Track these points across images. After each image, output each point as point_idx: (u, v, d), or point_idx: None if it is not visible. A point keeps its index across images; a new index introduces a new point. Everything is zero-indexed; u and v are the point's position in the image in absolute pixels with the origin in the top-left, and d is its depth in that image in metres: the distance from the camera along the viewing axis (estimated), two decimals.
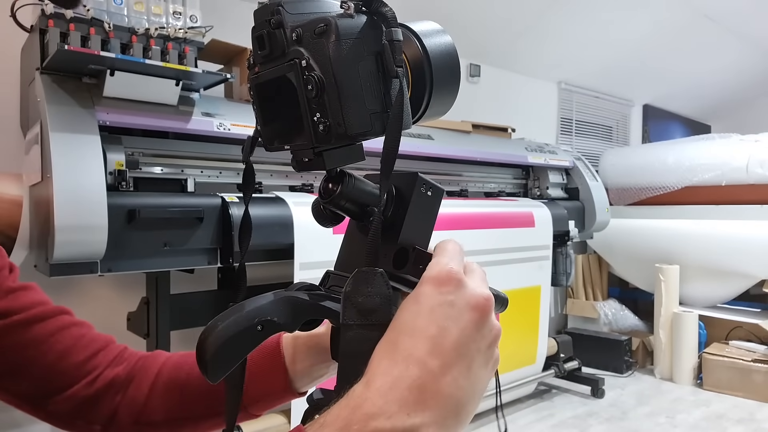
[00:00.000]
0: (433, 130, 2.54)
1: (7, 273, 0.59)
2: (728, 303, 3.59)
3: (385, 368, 0.36)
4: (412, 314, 0.38)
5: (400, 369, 0.36)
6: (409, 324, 0.37)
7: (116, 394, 0.59)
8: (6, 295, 0.57)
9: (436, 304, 0.37)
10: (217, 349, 0.40)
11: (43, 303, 0.60)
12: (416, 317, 0.37)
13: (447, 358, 0.36)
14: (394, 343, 0.37)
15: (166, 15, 1.61)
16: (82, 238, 1.41)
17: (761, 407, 2.95)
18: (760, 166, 3.35)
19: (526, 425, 2.69)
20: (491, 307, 0.39)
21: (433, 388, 0.35)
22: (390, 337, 0.38)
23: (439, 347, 0.36)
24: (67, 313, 0.61)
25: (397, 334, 0.37)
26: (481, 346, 0.38)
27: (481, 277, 0.41)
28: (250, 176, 0.47)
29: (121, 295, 2.14)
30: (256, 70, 0.44)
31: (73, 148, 1.44)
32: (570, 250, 3.03)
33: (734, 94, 5.29)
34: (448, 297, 0.38)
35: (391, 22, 0.40)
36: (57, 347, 0.58)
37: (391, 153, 0.39)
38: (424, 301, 0.38)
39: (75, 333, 0.60)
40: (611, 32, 3.76)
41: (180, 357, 0.61)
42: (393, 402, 0.34)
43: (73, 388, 0.58)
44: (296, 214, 1.77)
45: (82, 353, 0.59)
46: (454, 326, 0.37)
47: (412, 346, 0.36)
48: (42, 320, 0.58)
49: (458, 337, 0.37)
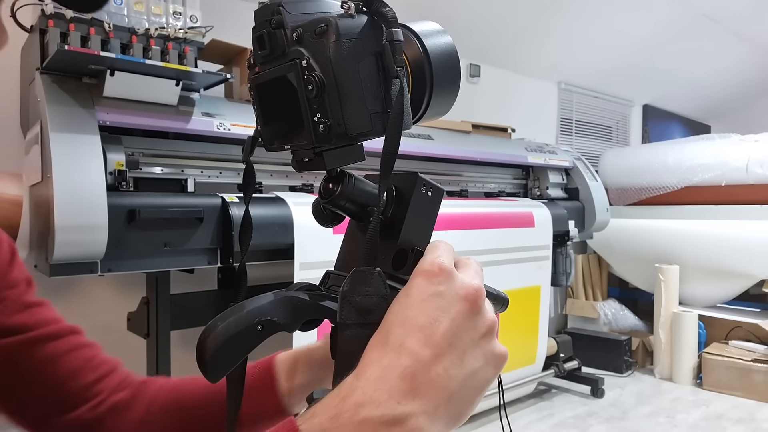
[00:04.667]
0: (433, 130, 2.54)
1: (24, 287, 0.57)
2: (728, 303, 3.59)
3: (375, 358, 0.36)
4: (402, 306, 0.38)
5: (391, 358, 0.36)
6: (399, 315, 0.37)
7: (117, 419, 0.58)
8: (23, 310, 0.56)
9: (426, 295, 0.37)
10: (217, 349, 0.40)
11: (57, 321, 0.58)
12: (407, 308, 0.37)
13: (438, 348, 0.36)
14: (385, 335, 0.37)
15: (166, 15, 1.61)
16: (82, 238, 1.41)
17: (761, 407, 2.94)
18: (759, 166, 3.34)
19: (526, 425, 2.69)
20: (482, 297, 0.39)
21: (423, 378, 0.35)
22: (381, 329, 0.38)
23: (430, 337, 0.36)
24: (78, 332, 0.60)
25: (389, 326, 0.38)
26: (474, 336, 0.38)
27: (474, 270, 0.41)
28: (251, 176, 0.47)
29: (121, 295, 2.14)
30: (256, 70, 0.44)
31: (73, 148, 1.44)
32: (570, 250, 3.03)
33: (734, 94, 5.28)
34: (439, 288, 0.38)
35: (392, 23, 0.40)
36: (66, 367, 0.57)
37: (391, 153, 0.39)
38: (414, 293, 0.38)
39: (86, 354, 0.59)
40: (611, 32, 3.76)
41: (177, 381, 0.61)
42: (383, 391, 0.34)
43: (77, 411, 0.56)
44: (296, 214, 1.77)
45: (90, 375, 0.58)
46: (445, 316, 0.37)
47: (403, 337, 0.36)
48: (55, 339, 0.57)
49: (449, 327, 0.37)
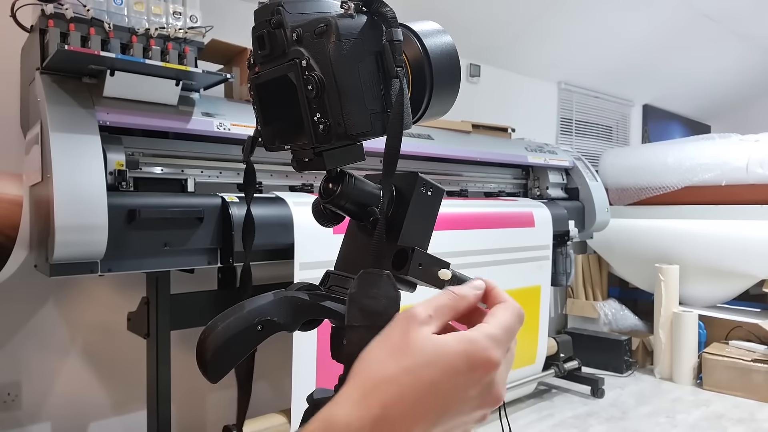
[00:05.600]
0: (433, 130, 2.54)
1: None
2: (728, 303, 3.59)
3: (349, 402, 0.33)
4: (418, 371, 0.33)
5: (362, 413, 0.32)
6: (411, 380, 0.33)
7: None
8: None
9: (454, 385, 0.33)
10: (217, 349, 0.40)
11: None
12: (420, 379, 0.33)
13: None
14: (374, 384, 0.34)
15: (166, 15, 1.61)
16: (82, 238, 1.41)
17: (761, 407, 2.94)
18: (760, 166, 3.34)
19: (526, 425, 2.69)
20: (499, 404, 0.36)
21: None
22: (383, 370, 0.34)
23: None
24: None
25: (384, 376, 0.34)
26: None
27: (508, 365, 0.37)
28: (251, 176, 0.47)
29: (121, 295, 2.14)
30: (256, 70, 0.44)
31: (73, 148, 1.44)
32: (570, 250, 3.03)
33: (734, 94, 5.28)
34: (474, 385, 0.34)
35: (392, 22, 0.40)
36: None
37: (393, 153, 0.39)
38: (444, 367, 0.33)
39: None
40: (611, 32, 3.76)
41: None
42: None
43: None
44: (296, 214, 1.77)
45: None
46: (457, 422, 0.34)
47: (391, 406, 0.32)
48: None
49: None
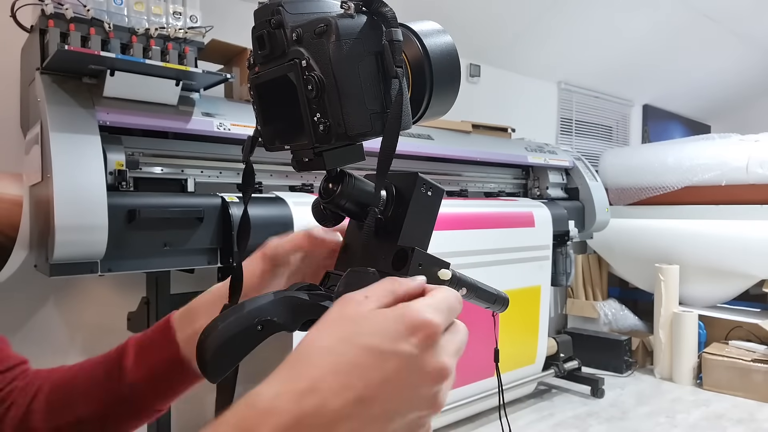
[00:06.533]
0: (433, 130, 2.54)
1: None
2: (728, 303, 3.59)
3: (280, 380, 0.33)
4: (353, 339, 0.33)
5: (291, 391, 0.32)
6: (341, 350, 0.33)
7: (3, 414, 0.55)
8: None
9: (392, 349, 0.33)
10: (216, 349, 0.40)
11: None
12: (354, 345, 0.33)
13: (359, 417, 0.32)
14: (307, 355, 0.33)
15: (166, 15, 1.61)
16: (82, 238, 1.41)
17: (761, 407, 2.94)
18: (760, 166, 3.34)
19: (526, 425, 2.69)
20: (449, 380, 0.35)
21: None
22: (317, 341, 0.34)
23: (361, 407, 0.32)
24: None
25: (320, 346, 0.34)
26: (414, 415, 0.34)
27: (461, 340, 0.36)
28: (250, 176, 0.47)
29: (121, 295, 2.14)
30: (256, 70, 0.44)
31: (73, 148, 1.44)
32: (570, 250, 3.03)
33: (734, 94, 5.28)
34: (412, 350, 0.33)
35: (391, 22, 0.40)
36: None
37: (388, 152, 0.39)
38: (377, 330, 0.33)
39: None
40: (611, 32, 3.76)
41: (66, 367, 0.58)
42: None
43: None
44: (296, 214, 1.77)
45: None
46: (398, 399, 0.33)
47: (321, 379, 0.32)
48: None
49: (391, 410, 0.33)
